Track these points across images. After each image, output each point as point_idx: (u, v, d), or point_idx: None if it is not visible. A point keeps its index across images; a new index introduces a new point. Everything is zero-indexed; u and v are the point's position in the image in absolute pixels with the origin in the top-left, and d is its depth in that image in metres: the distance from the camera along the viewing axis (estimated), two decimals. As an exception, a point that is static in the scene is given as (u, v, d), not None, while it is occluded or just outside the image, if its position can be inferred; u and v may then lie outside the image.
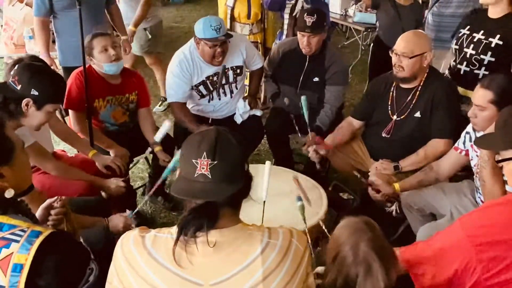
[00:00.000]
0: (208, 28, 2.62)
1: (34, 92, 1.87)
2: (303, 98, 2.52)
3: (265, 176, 1.89)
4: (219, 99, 2.96)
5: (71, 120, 2.57)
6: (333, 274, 1.26)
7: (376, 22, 4.44)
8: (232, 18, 3.73)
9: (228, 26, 3.70)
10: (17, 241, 1.16)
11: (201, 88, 2.87)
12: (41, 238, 1.16)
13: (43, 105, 1.91)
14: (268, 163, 1.94)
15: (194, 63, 2.78)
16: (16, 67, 1.91)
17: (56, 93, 1.98)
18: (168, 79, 2.85)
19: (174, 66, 2.80)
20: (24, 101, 1.87)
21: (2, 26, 4.59)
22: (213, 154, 1.08)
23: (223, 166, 1.09)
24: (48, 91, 1.91)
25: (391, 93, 2.50)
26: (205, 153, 1.08)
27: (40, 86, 1.88)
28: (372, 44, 4.52)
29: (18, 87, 1.86)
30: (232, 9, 3.68)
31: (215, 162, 1.08)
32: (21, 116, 1.90)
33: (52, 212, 1.56)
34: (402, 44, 2.35)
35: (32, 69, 1.92)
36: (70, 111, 2.57)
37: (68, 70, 2.98)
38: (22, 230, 1.18)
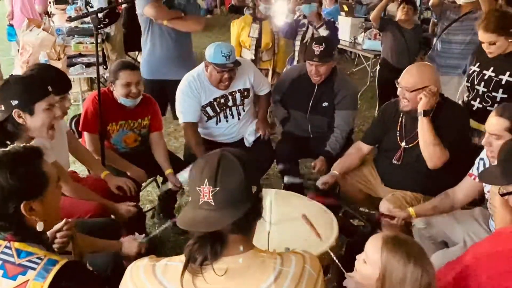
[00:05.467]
0: (219, 54, 2.68)
1: (14, 101, 1.78)
2: None
3: (268, 209, 1.79)
4: (227, 121, 2.98)
5: (85, 142, 2.61)
6: None
7: (381, 45, 4.60)
8: (256, 48, 3.80)
9: (253, 56, 3.78)
10: (34, 269, 1.16)
11: (208, 109, 2.90)
12: (57, 267, 1.16)
13: (32, 108, 1.81)
14: (271, 192, 1.88)
15: (202, 85, 2.84)
16: None
17: (33, 89, 1.84)
18: (179, 100, 2.88)
19: (184, 86, 2.86)
20: (15, 114, 1.79)
21: (18, 50, 4.71)
22: (215, 180, 1.07)
23: (225, 192, 1.08)
24: (24, 92, 1.80)
25: (400, 119, 2.50)
26: (206, 180, 1.08)
27: (14, 93, 1.79)
28: (378, 68, 4.60)
29: (2, 108, 1.79)
30: (258, 40, 3.75)
31: (217, 188, 1.07)
32: (25, 128, 1.83)
33: (58, 235, 1.56)
34: (405, 77, 2.34)
35: None
36: (85, 133, 2.60)
37: (147, 82, 3.10)
38: (39, 258, 1.18)
